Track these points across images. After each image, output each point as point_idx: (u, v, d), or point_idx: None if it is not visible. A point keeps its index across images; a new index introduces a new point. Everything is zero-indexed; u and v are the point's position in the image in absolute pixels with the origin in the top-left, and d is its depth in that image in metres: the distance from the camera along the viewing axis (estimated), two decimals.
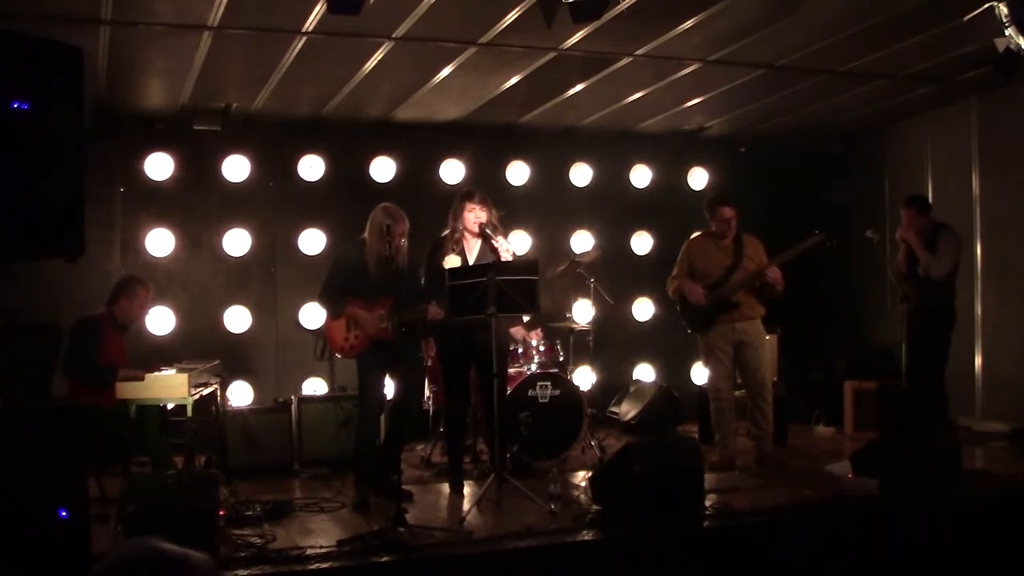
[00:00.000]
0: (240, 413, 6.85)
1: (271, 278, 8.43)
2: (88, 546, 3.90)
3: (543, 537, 4.67)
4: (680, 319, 6.87)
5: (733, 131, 9.34)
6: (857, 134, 9.55)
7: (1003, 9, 5.49)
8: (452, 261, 5.76)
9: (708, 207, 6.73)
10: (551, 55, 6.63)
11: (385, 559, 4.37)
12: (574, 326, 7.64)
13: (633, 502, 4.82)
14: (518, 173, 9.15)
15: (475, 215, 5.83)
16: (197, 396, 5.84)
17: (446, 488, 6.03)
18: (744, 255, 6.60)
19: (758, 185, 9.36)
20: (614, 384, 8.83)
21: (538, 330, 7.19)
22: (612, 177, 9.48)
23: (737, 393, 6.73)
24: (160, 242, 8.05)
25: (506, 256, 5.77)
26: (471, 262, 5.86)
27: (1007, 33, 5.55)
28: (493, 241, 5.80)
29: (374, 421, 5.76)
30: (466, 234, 5.91)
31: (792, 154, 9.76)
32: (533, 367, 6.90)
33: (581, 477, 6.28)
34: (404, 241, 5.70)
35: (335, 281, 5.77)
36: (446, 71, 6.95)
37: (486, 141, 8.93)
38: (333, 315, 5.77)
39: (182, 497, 4.30)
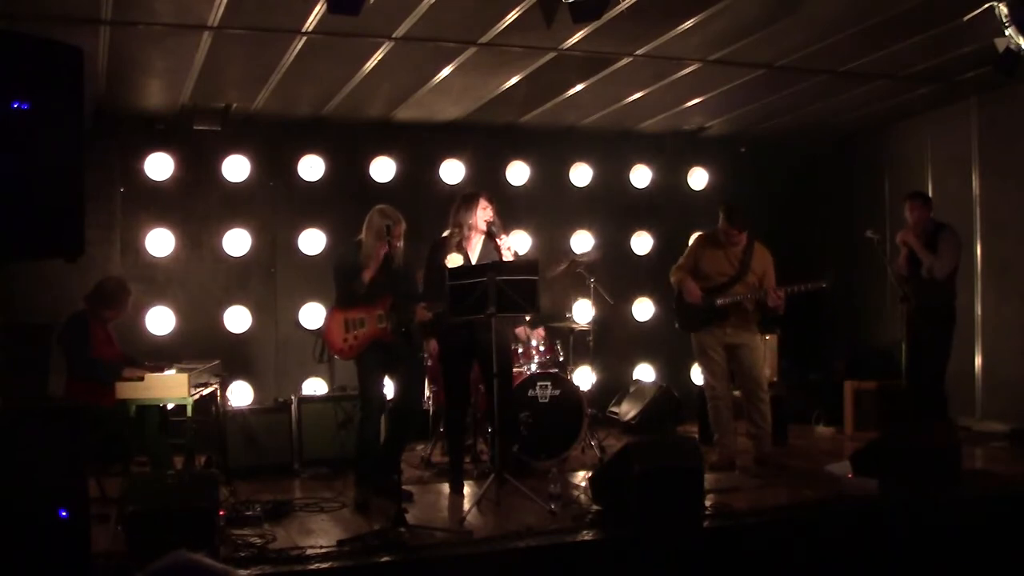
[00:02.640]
0: (240, 413, 6.85)
1: (271, 278, 8.43)
2: (88, 546, 3.91)
3: (543, 537, 4.67)
4: (675, 315, 6.86)
5: (733, 131, 9.34)
6: (857, 134, 9.55)
7: (1003, 9, 5.49)
8: (454, 260, 5.78)
9: (726, 216, 6.57)
10: (551, 55, 6.63)
11: (385, 559, 4.37)
12: (574, 326, 7.65)
13: (633, 502, 4.82)
14: (518, 173, 9.15)
15: (487, 213, 5.89)
16: (197, 396, 5.83)
17: (446, 488, 6.03)
18: (750, 268, 6.57)
19: (758, 185, 9.36)
20: (614, 384, 8.83)
21: (540, 330, 7.19)
22: (612, 177, 9.48)
23: (735, 393, 6.73)
24: (160, 242, 8.05)
25: (508, 255, 5.81)
26: (473, 261, 5.88)
27: (1007, 33, 5.55)
28: (497, 239, 5.83)
29: (375, 421, 5.75)
30: (471, 233, 5.93)
31: (792, 154, 9.75)
32: (533, 367, 6.90)
33: (581, 477, 6.28)
34: (401, 243, 5.71)
35: (345, 286, 5.73)
36: (446, 71, 6.95)
37: (486, 141, 8.92)
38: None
39: (182, 497, 4.30)
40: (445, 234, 5.98)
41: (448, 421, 6.17)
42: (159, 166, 8.04)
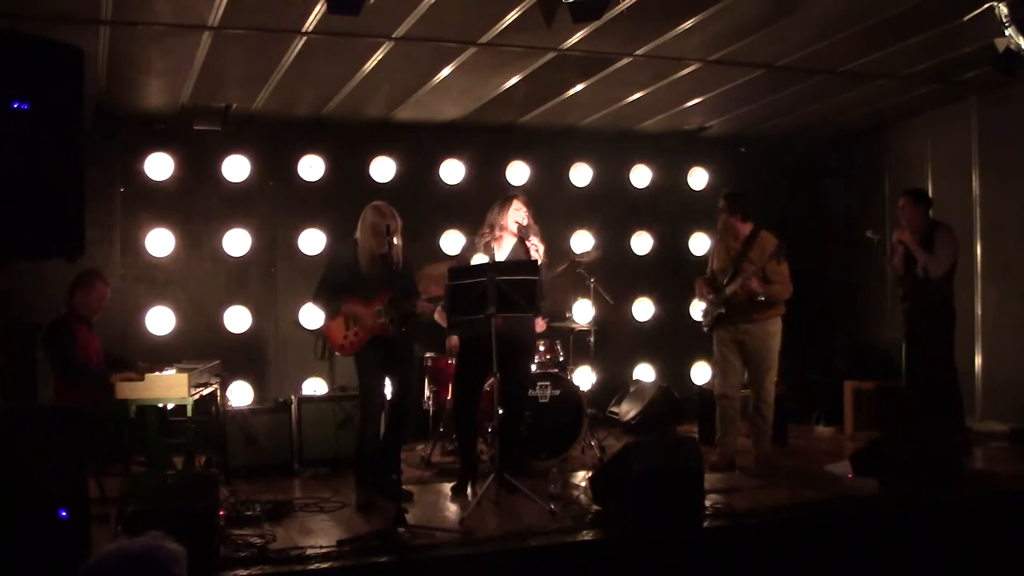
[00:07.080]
0: (240, 413, 6.85)
1: (271, 278, 8.43)
2: (88, 546, 3.91)
3: (543, 537, 4.67)
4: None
5: (733, 131, 9.34)
6: (857, 134, 9.55)
7: (1003, 9, 5.49)
8: (479, 259, 5.87)
9: (726, 200, 6.70)
10: (551, 55, 6.63)
11: (385, 559, 4.37)
12: (574, 326, 7.65)
13: (633, 502, 4.82)
14: (518, 173, 9.15)
15: (519, 214, 5.94)
16: (197, 396, 5.84)
17: (446, 488, 6.03)
18: (746, 259, 6.56)
19: (758, 185, 9.34)
20: (614, 384, 8.82)
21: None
22: (612, 177, 9.48)
23: (744, 392, 6.71)
24: (160, 242, 8.04)
25: (535, 255, 5.82)
26: (499, 260, 5.92)
27: (1007, 33, 5.55)
28: (527, 241, 5.87)
29: (375, 422, 5.74)
30: (500, 233, 5.97)
31: (792, 154, 9.75)
32: (533, 367, 6.90)
33: (581, 477, 6.28)
34: (398, 239, 5.71)
35: (329, 281, 5.77)
36: (446, 71, 6.95)
37: (486, 141, 8.93)
38: (330, 314, 5.77)
39: (182, 497, 4.29)
40: (481, 231, 6.04)
41: (458, 417, 6.15)
42: (159, 166, 8.03)
